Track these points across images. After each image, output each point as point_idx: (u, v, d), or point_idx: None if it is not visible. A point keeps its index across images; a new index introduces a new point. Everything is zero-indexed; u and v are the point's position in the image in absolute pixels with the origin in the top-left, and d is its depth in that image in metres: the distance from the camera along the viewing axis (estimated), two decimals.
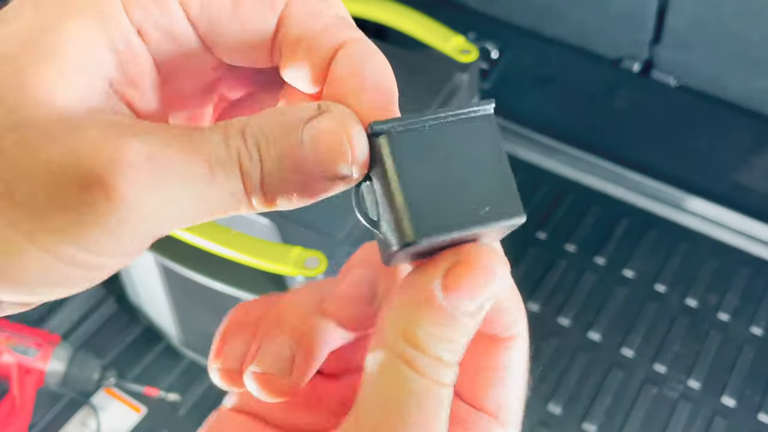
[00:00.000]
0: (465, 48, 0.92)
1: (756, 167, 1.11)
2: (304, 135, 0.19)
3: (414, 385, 0.19)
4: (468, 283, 0.20)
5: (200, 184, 0.18)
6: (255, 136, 0.18)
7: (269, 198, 0.19)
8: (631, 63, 1.21)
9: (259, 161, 0.18)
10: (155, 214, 0.18)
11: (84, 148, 0.17)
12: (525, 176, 1.14)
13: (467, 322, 0.20)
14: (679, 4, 1.06)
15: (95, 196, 0.17)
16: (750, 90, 1.11)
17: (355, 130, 0.19)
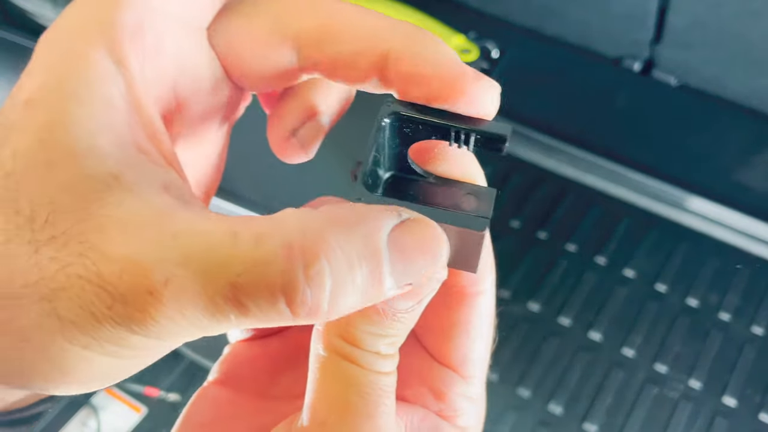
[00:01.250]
0: (465, 47, 0.92)
1: (757, 166, 1.11)
2: (393, 250, 0.18)
3: (353, 376, 0.20)
4: (408, 279, 0.20)
5: (224, 312, 0.17)
6: (328, 257, 0.17)
7: (328, 318, 0.18)
8: (631, 62, 1.21)
9: (330, 288, 0.17)
10: (179, 333, 0.18)
11: (106, 278, 0.17)
12: (525, 176, 1.14)
13: (404, 318, 0.20)
14: (679, 4, 1.06)
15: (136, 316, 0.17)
16: (751, 89, 1.11)
17: (444, 242, 0.19)
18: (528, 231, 1.08)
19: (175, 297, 0.17)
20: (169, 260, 0.17)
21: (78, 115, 0.18)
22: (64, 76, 0.18)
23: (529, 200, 1.12)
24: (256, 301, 0.17)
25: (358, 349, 0.20)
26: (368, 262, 0.18)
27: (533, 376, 0.94)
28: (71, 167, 0.17)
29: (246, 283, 0.17)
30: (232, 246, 0.17)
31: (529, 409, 0.92)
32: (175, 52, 0.20)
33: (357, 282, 0.17)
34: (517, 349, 0.96)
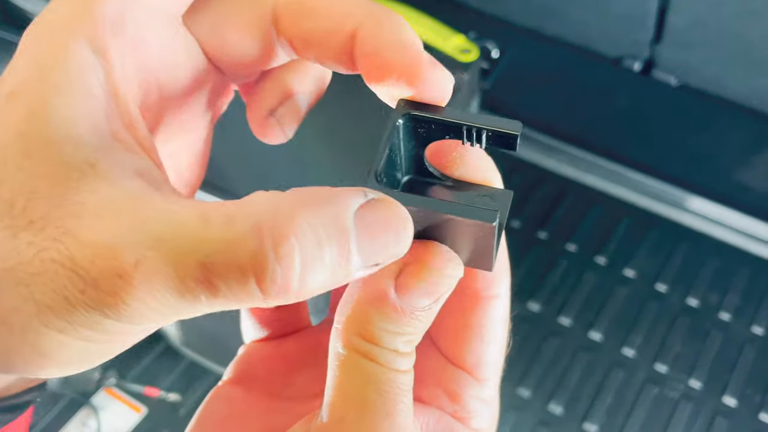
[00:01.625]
0: (465, 47, 0.92)
1: (757, 166, 1.11)
2: (358, 227, 0.18)
3: (372, 374, 0.20)
4: (420, 284, 0.20)
5: (195, 293, 0.17)
6: (298, 236, 0.17)
7: (297, 299, 0.18)
8: (631, 62, 1.21)
9: (300, 267, 0.17)
10: (151, 315, 0.18)
11: (78, 263, 0.17)
12: (526, 176, 1.14)
13: (421, 316, 0.20)
14: (679, 4, 1.06)
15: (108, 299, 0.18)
16: (751, 89, 1.11)
17: (408, 221, 0.19)
18: (528, 231, 1.08)
19: (146, 279, 0.17)
20: (139, 243, 0.17)
21: (57, 105, 0.18)
22: (46, 68, 0.19)
23: (529, 200, 1.12)
24: (226, 282, 0.17)
25: (377, 347, 0.20)
26: (336, 240, 0.18)
27: (533, 375, 0.94)
28: (49, 156, 0.18)
29: (216, 264, 0.17)
30: (203, 228, 0.17)
31: (530, 408, 0.92)
32: (156, 42, 0.21)
33: (325, 260, 0.18)
34: (517, 349, 0.96)
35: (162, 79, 0.21)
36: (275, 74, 0.24)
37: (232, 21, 0.21)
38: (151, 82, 0.21)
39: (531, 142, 1.16)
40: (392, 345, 0.20)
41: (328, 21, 0.21)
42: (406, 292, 0.20)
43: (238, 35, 0.21)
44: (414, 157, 0.23)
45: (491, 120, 0.22)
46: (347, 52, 0.21)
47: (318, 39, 0.21)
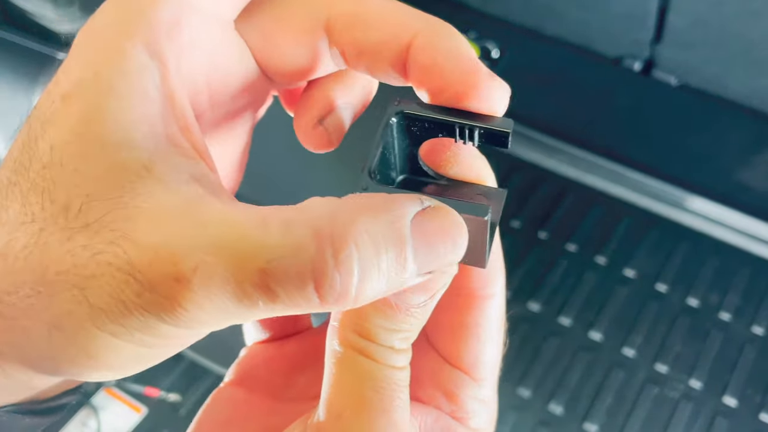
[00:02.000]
0: None
1: (757, 166, 1.11)
2: (416, 235, 0.18)
3: (368, 371, 0.20)
4: (422, 282, 0.20)
5: (253, 298, 0.17)
6: (357, 242, 0.17)
7: (354, 305, 0.18)
8: (632, 62, 1.21)
9: (359, 273, 0.17)
10: (208, 320, 0.18)
11: (136, 266, 0.17)
12: (526, 176, 1.14)
13: (417, 312, 0.20)
14: (680, 3, 1.06)
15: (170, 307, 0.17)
16: (751, 89, 1.11)
17: (464, 230, 0.19)
18: (528, 231, 1.08)
19: (204, 284, 0.17)
20: (198, 248, 0.17)
21: (113, 108, 0.18)
22: (101, 70, 0.19)
23: (530, 200, 1.12)
24: (285, 288, 0.17)
25: (373, 344, 0.20)
26: (394, 247, 0.18)
27: (533, 375, 0.94)
28: (105, 159, 0.18)
29: (276, 270, 0.17)
30: (262, 233, 0.17)
31: (530, 408, 0.92)
32: (209, 47, 0.21)
33: (382, 267, 0.18)
34: (517, 349, 0.96)
35: (213, 84, 0.21)
36: (323, 84, 0.24)
37: (285, 27, 0.21)
38: (202, 86, 0.21)
39: (531, 142, 1.16)
40: (388, 342, 0.20)
41: (383, 31, 0.21)
42: (402, 290, 0.20)
43: (290, 42, 0.21)
44: (408, 156, 0.24)
45: (483, 118, 0.22)
46: (401, 62, 0.21)
47: (372, 49, 0.21)
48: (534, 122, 1.17)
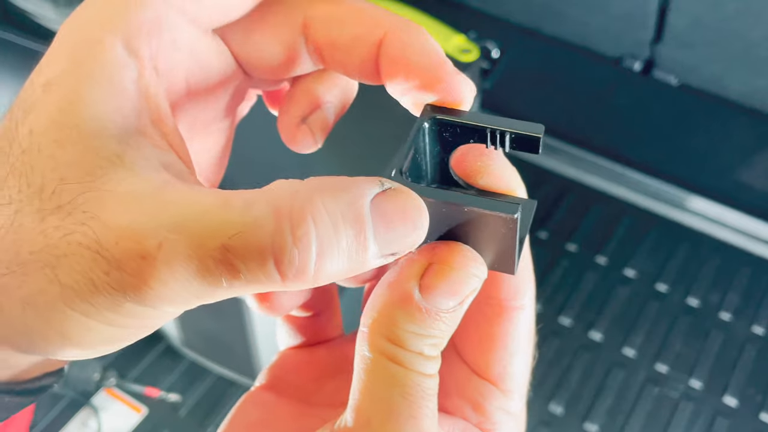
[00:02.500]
0: (466, 47, 0.92)
1: (757, 166, 1.11)
2: (374, 214, 0.19)
3: (397, 377, 0.20)
4: (444, 283, 0.20)
5: (216, 275, 0.18)
6: (315, 218, 0.18)
7: (316, 283, 0.19)
8: (632, 62, 1.21)
9: (313, 249, 0.18)
10: (174, 299, 0.19)
11: (104, 244, 0.18)
12: (526, 176, 1.14)
13: (446, 318, 0.21)
14: (680, 4, 1.06)
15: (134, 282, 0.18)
16: (751, 89, 1.11)
17: (424, 211, 0.20)
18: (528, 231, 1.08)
19: (167, 261, 0.18)
20: (162, 227, 0.18)
21: (90, 98, 0.19)
22: (81, 61, 0.20)
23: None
24: (246, 263, 0.18)
25: (402, 350, 0.20)
26: (353, 225, 0.18)
27: (534, 376, 0.94)
28: (80, 146, 0.19)
29: (237, 245, 0.17)
30: (224, 212, 0.18)
31: (530, 409, 0.92)
32: (188, 45, 0.21)
33: (342, 245, 0.18)
34: None
35: (192, 82, 0.22)
36: (305, 83, 0.24)
37: (264, 26, 0.22)
38: (181, 83, 0.22)
39: None
40: (417, 348, 0.20)
41: (356, 29, 0.22)
42: (431, 293, 0.20)
43: (268, 40, 0.22)
44: (439, 164, 0.24)
45: (514, 123, 0.22)
46: (372, 60, 0.22)
47: (345, 46, 0.22)
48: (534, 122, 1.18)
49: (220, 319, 0.81)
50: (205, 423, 0.90)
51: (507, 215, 0.20)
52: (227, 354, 0.87)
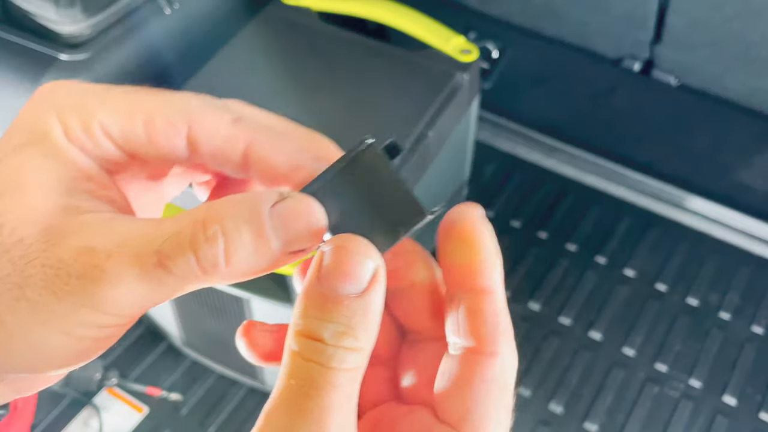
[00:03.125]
0: (466, 48, 0.92)
1: (756, 166, 1.11)
2: (272, 215, 0.23)
3: (298, 366, 0.22)
4: (335, 261, 0.22)
5: (156, 274, 0.22)
6: (221, 219, 0.22)
7: (233, 274, 0.23)
8: (631, 62, 1.21)
9: (221, 243, 0.22)
10: (128, 298, 0.23)
11: (65, 261, 0.22)
12: (525, 176, 1.14)
13: (349, 305, 0.22)
14: (679, 4, 1.06)
15: (82, 289, 0.22)
16: (750, 89, 1.11)
17: (317, 211, 0.24)
18: (528, 231, 1.08)
19: (116, 268, 0.22)
20: (111, 243, 0.23)
21: (42, 168, 0.24)
22: (40, 139, 0.25)
23: (530, 200, 1.12)
24: (175, 262, 0.22)
25: (314, 342, 0.22)
26: (252, 224, 0.22)
27: (534, 375, 0.94)
28: (40, 202, 0.24)
29: (167, 249, 0.22)
30: (157, 227, 0.23)
31: (530, 408, 0.92)
32: (118, 133, 0.26)
33: (245, 240, 0.22)
34: (517, 349, 0.97)
35: (129, 151, 0.26)
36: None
37: (156, 124, 0.26)
38: (118, 154, 0.26)
39: (531, 142, 1.16)
40: (318, 334, 0.22)
41: (229, 141, 0.26)
42: (324, 276, 0.22)
43: (157, 137, 0.26)
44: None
45: (353, 153, 0.25)
46: (243, 165, 0.26)
47: (219, 154, 0.26)
48: (534, 122, 1.18)
49: (221, 319, 0.82)
50: (206, 422, 0.90)
51: (364, 143, 0.24)
52: (228, 354, 0.88)
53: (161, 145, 0.26)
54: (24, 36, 0.89)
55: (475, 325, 0.24)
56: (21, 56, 0.87)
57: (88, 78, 0.86)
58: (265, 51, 0.93)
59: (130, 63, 0.91)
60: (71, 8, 0.88)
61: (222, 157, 0.26)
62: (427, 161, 0.87)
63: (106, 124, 0.25)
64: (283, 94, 0.87)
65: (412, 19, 0.96)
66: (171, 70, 0.95)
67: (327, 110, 0.85)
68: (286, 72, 0.90)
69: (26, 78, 0.85)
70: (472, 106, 0.95)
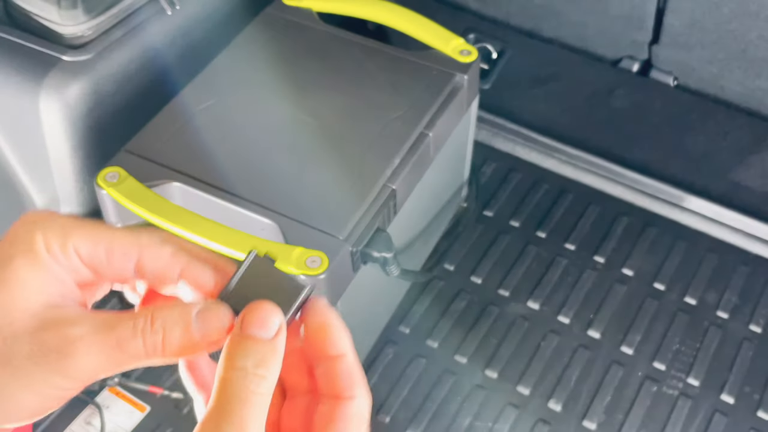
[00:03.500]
0: (465, 49, 0.93)
1: (754, 166, 1.11)
2: (197, 319, 0.33)
3: (226, 384, 0.31)
4: (252, 316, 0.33)
5: (114, 352, 0.32)
6: (163, 319, 0.33)
7: (166, 355, 0.33)
8: (630, 63, 1.21)
9: (162, 335, 0.32)
10: (91, 368, 0.32)
11: (46, 341, 0.32)
12: (525, 176, 1.15)
13: (263, 344, 0.32)
14: (677, 5, 1.06)
15: (56, 364, 0.32)
16: (748, 89, 1.12)
17: (225, 314, 0.33)
18: (527, 230, 1.09)
19: (86, 347, 0.32)
20: (83, 329, 0.32)
21: (29, 274, 0.34)
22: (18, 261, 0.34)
23: (528, 200, 1.12)
24: (129, 344, 0.32)
25: (234, 370, 0.31)
26: (183, 323, 0.33)
27: (533, 373, 0.95)
28: (29, 297, 0.33)
29: (124, 335, 0.32)
30: (117, 320, 0.33)
31: (529, 406, 0.92)
32: (86, 254, 0.35)
33: (177, 333, 0.32)
34: (516, 347, 0.97)
35: (94, 269, 0.36)
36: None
37: (112, 254, 0.36)
38: (85, 271, 0.36)
39: (530, 143, 1.17)
40: (246, 365, 0.31)
41: (165, 265, 0.37)
42: (247, 325, 0.33)
43: (108, 256, 0.35)
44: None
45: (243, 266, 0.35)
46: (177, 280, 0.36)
47: (159, 274, 0.36)
48: (533, 123, 1.18)
49: None
50: None
51: (250, 256, 0.35)
52: None
53: (116, 267, 0.36)
54: (27, 37, 0.90)
55: (335, 379, 0.34)
56: (24, 57, 0.87)
57: (91, 78, 0.87)
58: (266, 52, 0.93)
59: (132, 64, 0.91)
60: (73, 9, 0.88)
61: (162, 277, 0.36)
62: (426, 161, 0.87)
63: (78, 246, 0.35)
64: (283, 94, 0.88)
65: (411, 20, 0.97)
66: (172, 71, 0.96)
67: (327, 111, 0.86)
68: (286, 72, 0.91)
69: (29, 78, 0.86)
70: (471, 106, 0.96)
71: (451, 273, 1.04)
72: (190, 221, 0.74)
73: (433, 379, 0.94)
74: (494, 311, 1.01)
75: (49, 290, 0.34)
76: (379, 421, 0.91)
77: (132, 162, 0.79)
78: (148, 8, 0.94)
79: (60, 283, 0.34)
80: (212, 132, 0.83)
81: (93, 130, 0.89)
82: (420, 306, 1.01)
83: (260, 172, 0.80)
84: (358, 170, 0.80)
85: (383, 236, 0.77)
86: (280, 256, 0.71)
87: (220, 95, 0.87)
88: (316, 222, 0.75)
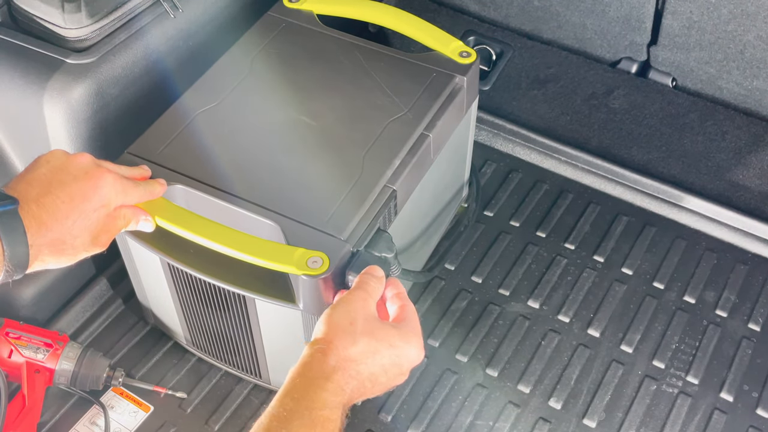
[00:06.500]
0: (464, 50, 0.94)
1: (752, 166, 1.12)
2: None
3: (362, 287, 0.68)
4: (373, 269, 0.71)
5: (126, 182, 0.68)
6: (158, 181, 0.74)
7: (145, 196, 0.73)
8: (628, 64, 1.22)
9: (150, 186, 0.74)
10: (110, 194, 0.67)
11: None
12: (524, 176, 1.16)
13: (376, 278, 0.70)
14: (675, 7, 1.07)
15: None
16: (746, 90, 1.12)
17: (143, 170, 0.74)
18: (527, 230, 1.10)
19: (108, 177, 0.69)
20: (107, 170, 0.70)
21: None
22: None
23: (528, 200, 1.13)
24: (124, 216, 0.72)
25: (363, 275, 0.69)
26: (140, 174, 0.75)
27: (533, 372, 0.95)
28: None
29: (133, 174, 0.76)
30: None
31: (530, 405, 0.93)
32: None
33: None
34: (517, 346, 0.98)
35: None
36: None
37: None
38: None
39: (530, 143, 1.18)
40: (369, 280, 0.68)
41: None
42: (368, 272, 0.71)
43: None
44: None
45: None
46: None
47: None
48: (533, 124, 1.19)
49: (225, 318, 0.83)
50: (211, 420, 0.91)
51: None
52: (232, 353, 0.89)
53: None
54: (31, 40, 0.90)
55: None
56: (28, 60, 0.88)
57: (94, 81, 0.88)
58: (267, 54, 0.94)
59: (135, 66, 0.92)
60: (77, 13, 0.89)
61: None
62: (427, 162, 0.88)
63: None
64: (285, 96, 0.89)
65: (411, 22, 0.98)
66: (175, 74, 0.97)
67: (328, 112, 0.86)
68: (288, 75, 0.91)
69: (33, 81, 0.87)
70: (471, 107, 0.97)
71: (452, 273, 1.05)
72: (191, 221, 0.74)
73: (434, 378, 0.95)
74: (495, 310, 1.01)
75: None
76: (380, 420, 0.92)
77: (135, 164, 0.79)
78: (151, 12, 0.95)
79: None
80: (214, 134, 0.84)
81: (96, 133, 0.90)
82: (421, 305, 1.01)
83: (262, 173, 0.81)
84: (359, 171, 0.81)
85: (384, 237, 0.78)
86: (281, 257, 0.72)
87: (223, 98, 0.87)
88: (317, 223, 0.76)
